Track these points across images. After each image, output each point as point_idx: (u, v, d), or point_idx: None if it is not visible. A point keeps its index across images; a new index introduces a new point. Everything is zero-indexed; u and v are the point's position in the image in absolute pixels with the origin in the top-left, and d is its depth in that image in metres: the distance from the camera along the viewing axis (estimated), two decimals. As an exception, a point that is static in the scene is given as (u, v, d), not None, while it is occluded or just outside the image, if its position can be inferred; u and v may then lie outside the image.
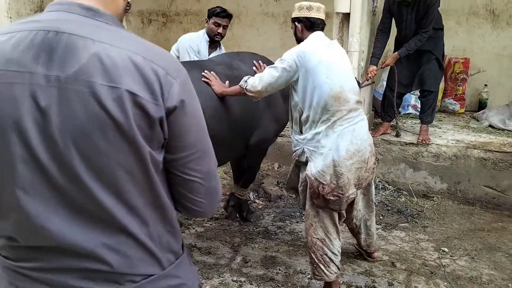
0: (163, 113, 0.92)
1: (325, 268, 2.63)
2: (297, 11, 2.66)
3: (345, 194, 2.51)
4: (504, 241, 3.43)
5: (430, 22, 4.06)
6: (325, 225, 2.62)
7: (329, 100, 2.43)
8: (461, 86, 5.78)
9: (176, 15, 7.73)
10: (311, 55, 2.47)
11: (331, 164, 2.45)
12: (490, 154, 4.00)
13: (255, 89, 2.62)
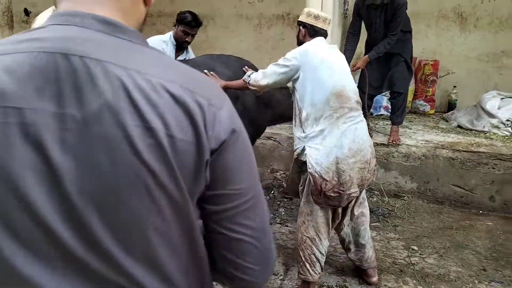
0: (208, 155, 0.73)
1: (310, 268, 2.68)
2: (304, 16, 2.77)
3: (346, 191, 2.55)
4: (472, 239, 3.52)
5: (398, 24, 4.14)
6: (317, 225, 2.66)
7: (331, 97, 2.51)
8: (431, 88, 5.92)
9: (149, 16, 7.54)
10: (313, 54, 2.59)
11: (334, 161, 2.50)
12: (457, 154, 4.10)
13: (257, 83, 2.73)
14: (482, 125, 4.78)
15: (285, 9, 6.74)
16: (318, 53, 2.61)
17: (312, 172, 2.54)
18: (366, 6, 4.19)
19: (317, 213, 2.65)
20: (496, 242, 3.47)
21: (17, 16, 8.76)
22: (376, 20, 4.22)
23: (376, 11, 4.16)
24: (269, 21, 6.87)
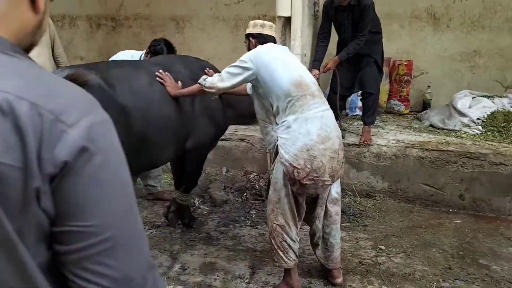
0: (39, 182, 0.60)
1: (283, 255, 2.70)
2: (251, 28, 2.91)
3: (320, 178, 2.56)
4: (440, 237, 3.54)
5: (366, 25, 4.16)
6: (285, 212, 2.68)
7: (291, 87, 2.58)
8: (405, 88, 5.95)
9: (125, 19, 7.61)
10: (266, 54, 2.70)
11: (304, 148, 2.52)
12: (427, 153, 4.13)
13: (214, 85, 2.76)
14: (453, 124, 4.82)
15: (261, 11, 6.72)
16: (269, 52, 2.72)
17: (283, 161, 2.58)
18: (334, 8, 4.20)
19: (284, 200, 2.67)
20: (464, 240, 3.49)
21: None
22: (344, 22, 4.24)
23: (344, 13, 4.17)
24: (246, 22, 6.72)
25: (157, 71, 2.97)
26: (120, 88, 2.67)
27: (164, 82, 2.95)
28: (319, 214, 2.83)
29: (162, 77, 2.96)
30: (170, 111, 2.94)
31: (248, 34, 2.92)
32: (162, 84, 2.95)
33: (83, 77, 2.44)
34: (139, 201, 4.25)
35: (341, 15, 4.20)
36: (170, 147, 3.03)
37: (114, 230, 0.66)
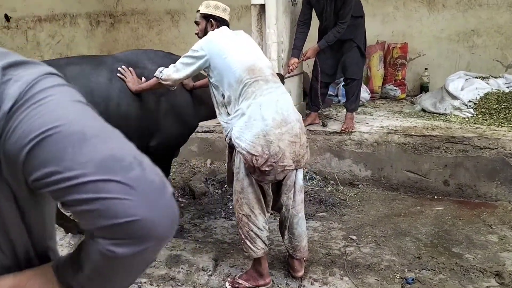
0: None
1: (251, 244, 2.67)
2: (212, 9, 2.82)
3: (279, 163, 2.51)
4: (417, 226, 3.42)
5: (348, 12, 4.02)
6: (249, 201, 2.64)
7: (243, 73, 2.54)
8: (400, 71, 5.78)
9: (123, 15, 7.66)
10: (217, 40, 2.63)
11: (260, 133, 2.48)
12: (409, 139, 3.99)
13: (170, 77, 2.73)
14: (444, 108, 4.65)
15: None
16: (222, 38, 2.65)
17: (240, 150, 2.53)
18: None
19: (247, 189, 2.63)
20: (441, 228, 3.37)
21: (-3, 22, 8.83)
22: (327, 9, 4.09)
23: (327, 1, 4.03)
24: (238, 12, 6.78)
25: (120, 67, 2.97)
26: (76, 86, 2.66)
27: (124, 78, 2.93)
28: (285, 202, 2.76)
29: (123, 73, 2.95)
30: (131, 109, 2.91)
31: (209, 15, 2.81)
32: (123, 80, 2.94)
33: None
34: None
35: (323, 2, 4.05)
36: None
37: (78, 125, 0.70)
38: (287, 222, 2.77)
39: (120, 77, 2.91)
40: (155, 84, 2.84)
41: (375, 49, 5.81)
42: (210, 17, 2.81)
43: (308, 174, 4.31)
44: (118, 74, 2.92)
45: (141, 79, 2.98)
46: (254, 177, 2.59)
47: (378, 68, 5.82)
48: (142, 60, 3.12)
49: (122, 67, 2.96)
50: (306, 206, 3.81)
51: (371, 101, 5.64)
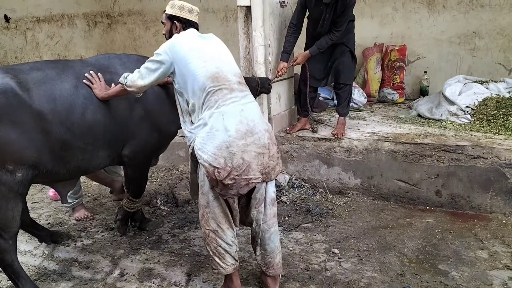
0: None
1: (220, 261, 2.55)
2: (177, 10, 2.70)
3: (243, 176, 2.37)
4: (403, 239, 3.26)
5: (345, 21, 3.87)
6: (215, 216, 2.51)
7: (206, 81, 2.43)
8: (398, 75, 5.61)
9: (120, 15, 7.59)
10: (181, 44, 2.51)
11: (223, 145, 2.35)
12: (400, 147, 3.82)
13: (134, 83, 2.62)
14: (440, 114, 4.46)
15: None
16: (186, 43, 2.52)
17: (202, 162, 2.40)
18: (315, 1, 3.88)
19: (213, 203, 2.50)
20: (429, 242, 3.20)
21: (-3, 23, 8.83)
22: (325, 16, 3.90)
23: (326, 7, 3.84)
24: (235, 13, 6.60)
25: (88, 72, 2.85)
26: (37, 92, 2.56)
27: (91, 85, 2.81)
28: (255, 216, 2.61)
29: (90, 79, 2.82)
30: (98, 116, 2.78)
31: (173, 16, 2.69)
32: (89, 86, 2.82)
33: None
34: (104, 202, 4.21)
35: (323, 9, 3.85)
36: (101, 153, 2.90)
37: None
38: (259, 238, 2.63)
39: (86, 83, 2.79)
40: (121, 91, 2.72)
41: (372, 52, 5.64)
42: (175, 18, 2.68)
43: (297, 181, 4.17)
44: (85, 80, 2.80)
45: (111, 85, 2.85)
46: (217, 191, 2.45)
47: (375, 71, 5.65)
48: (113, 65, 3.00)
49: (90, 72, 2.84)
50: (292, 216, 3.70)
51: (368, 105, 5.47)
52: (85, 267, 3.09)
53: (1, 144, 2.38)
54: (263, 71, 4.03)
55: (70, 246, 3.34)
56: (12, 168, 2.44)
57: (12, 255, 2.61)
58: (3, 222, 2.51)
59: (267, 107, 4.17)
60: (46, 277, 3.02)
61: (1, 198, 2.46)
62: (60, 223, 3.76)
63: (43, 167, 2.60)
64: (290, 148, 4.23)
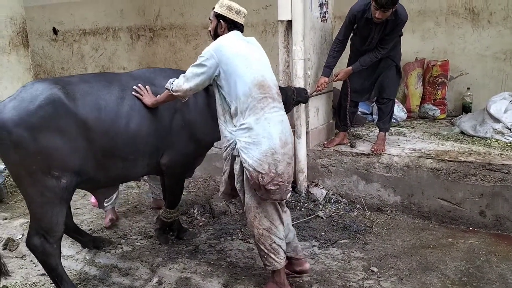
0: None
1: (275, 256, 2.65)
2: (225, 10, 2.73)
3: (285, 182, 2.53)
4: (445, 260, 3.15)
5: (393, 40, 3.84)
6: (268, 214, 2.63)
7: (253, 88, 2.51)
8: (440, 90, 5.48)
9: (162, 29, 7.80)
10: (228, 48, 2.57)
11: (269, 151, 2.47)
12: (443, 164, 3.72)
13: (180, 88, 2.68)
14: (484, 131, 4.32)
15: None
16: (232, 46, 2.58)
17: (246, 166, 2.49)
18: (365, 19, 3.86)
19: (264, 202, 2.60)
20: (473, 264, 3.08)
21: (46, 35, 9.28)
22: (374, 34, 3.86)
23: (376, 25, 3.81)
24: (274, 27, 6.68)
25: (136, 85, 2.94)
26: (83, 102, 2.66)
27: (140, 97, 2.90)
28: None
29: (139, 91, 2.91)
30: (141, 126, 2.87)
31: (220, 15, 2.72)
32: (138, 98, 2.90)
33: None
34: (144, 209, 4.29)
35: (372, 28, 3.81)
36: (140, 162, 2.97)
37: None
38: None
39: (135, 95, 2.89)
40: (168, 96, 2.80)
41: (413, 67, 5.55)
42: (221, 18, 2.71)
43: (334, 196, 4.12)
44: (134, 92, 2.89)
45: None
46: (259, 194, 2.55)
47: (416, 86, 5.55)
48: (158, 78, 3.09)
49: (138, 85, 2.93)
50: (328, 231, 3.68)
51: (408, 121, 5.37)
52: (124, 274, 3.15)
53: (48, 151, 2.49)
54: (301, 85, 4.03)
55: (111, 252, 3.43)
56: (57, 174, 2.54)
57: (57, 259, 2.70)
58: (48, 227, 2.61)
59: (305, 121, 4.16)
60: (87, 282, 3.10)
61: (46, 203, 2.57)
62: (101, 229, 3.86)
63: (86, 174, 2.70)
64: (328, 163, 4.20)
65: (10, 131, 2.41)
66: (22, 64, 6.65)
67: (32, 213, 2.64)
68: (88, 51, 8.79)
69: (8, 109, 2.45)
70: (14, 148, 2.44)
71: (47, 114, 2.48)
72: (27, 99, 2.49)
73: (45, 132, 2.47)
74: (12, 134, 2.41)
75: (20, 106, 2.46)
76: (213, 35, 2.76)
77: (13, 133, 2.41)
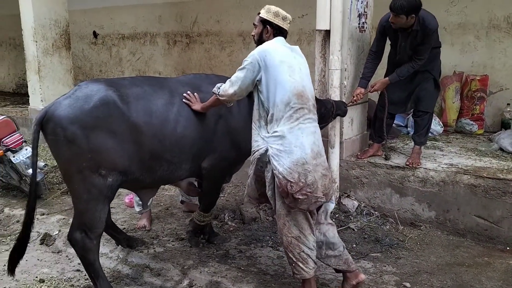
0: None
1: (303, 265, 2.65)
2: (271, 16, 2.75)
3: (314, 193, 2.53)
4: (481, 279, 3.07)
5: (426, 49, 3.79)
6: (298, 222, 2.63)
7: (292, 97, 2.54)
8: (478, 105, 5.35)
9: (198, 36, 7.94)
10: (273, 54, 2.60)
11: (299, 161, 2.50)
12: (481, 181, 3.63)
13: (226, 92, 2.73)
14: (525, 149, 4.19)
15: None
16: (277, 53, 2.60)
17: (276, 174, 2.52)
18: (393, 28, 3.85)
19: (294, 211, 2.61)
20: (510, 285, 2.98)
21: (87, 38, 9.58)
22: (401, 43, 3.85)
23: (404, 34, 3.78)
24: (309, 36, 6.72)
25: (185, 92, 3.01)
26: (135, 106, 2.75)
27: (189, 103, 2.97)
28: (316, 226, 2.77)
29: (189, 98, 2.98)
30: (187, 131, 2.95)
31: (267, 21, 2.73)
32: (188, 105, 2.97)
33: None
34: (175, 212, 4.35)
35: (400, 36, 3.81)
36: (184, 165, 3.04)
37: None
38: (320, 239, 2.73)
39: (186, 102, 2.96)
40: (215, 101, 2.86)
41: (451, 80, 5.43)
42: (267, 23, 2.73)
43: (366, 209, 4.08)
44: (184, 99, 2.97)
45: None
46: (286, 202, 2.56)
47: (453, 100, 5.43)
48: (204, 84, 3.15)
49: (187, 92, 3.00)
50: (360, 244, 3.63)
51: (444, 135, 5.26)
52: (156, 274, 3.20)
53: (99, 150, 2.58)
54: (337, 95, 4.02)
55: (143, 252, 3.49)
56: (104, 173, 2.62)
57: (95, 255, 2.78)
58: (91, 223, 2.70)
59: (339, 131, 4.14)
60: (120, 280, 3.16)
61: (91, 199, 2.65)
62: (134, 229, 3.94)
63: (132, 174, 2.77)
64: (361, 174, 4.16)
65: (65, 127, 2.52)
66: (63, 66, 6.90)
67: (76, 209, 2.73)
68: (125, 55, 9.02)
69: (63, 106, 2.56)
70: (67, 145, 2.54)
71: (102, 114, 2.58)
72: (82, 98, 2.59)
73: (97, 132, 2.57)
74: (66, 131, 2.52)
75: (76, 105, 2.56)
76: (257, 40, 2.80)
77: (68, 130, 2.52)
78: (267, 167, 2.63)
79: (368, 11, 4.38)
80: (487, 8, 5.35)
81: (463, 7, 5.50)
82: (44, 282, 3.10)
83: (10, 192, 4.89)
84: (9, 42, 10.95)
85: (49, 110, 2.62)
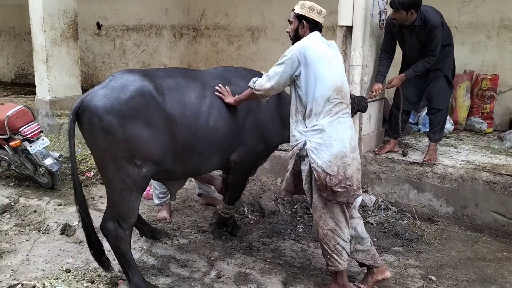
0: None
1: (338, 258, 2.69)
2: (307, 10, 2.74)
3: (353, 186, 2.57)
4: (503, 273, 3.14)
5: (436, 45, 3.85)
6: (334, 215, 2.67)
7: (332, 92, 2.58)
8: (488, 104, 5.44)
9: (205, 29, 7.91)
10: (313, 50, 2.62)
11: (339, 154, 2.54)
12: (499, 178, 3.70)
13: (263, 87, 2.74)
14: (538, 147, 4.27)
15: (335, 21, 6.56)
16: (316, 48, 2.63)
17: (315, 167, 2.55)
18: (398, 27, 3.93)
19: (331, 204, 2.64)
20: (533, 280, 3.06)
21: (90, 29, 9.49)
22: (408, 39, 3.93)
23: (408, 30, 3.87)
24: (329, 32, 6.69)
25: (217, 84, 3.02)
26: (170, 98, 2.74)
27: (222, 96, 2.98)
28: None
29: (222, 91, 2.99)
30: (219, 123, 2.96)
31: (302, 16, 2.72)
32: (220, 98, 2.97)
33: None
34: (193, 204, 4.36)
35: (405, 33, 3.91)
36: (214, 157, 3.05)
37: None
38: (351, 233, 2.75)
39: (218, 95, 2.97)
40: (250, 95, 2.87)
41: (462, 79, 5.51)
42: (303, 18, 2.73)
43: (383, 204, 4.13)
44: (216, 92, 2.97)
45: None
46: (324, 195, 2.60)
47: (464, 98, 5.52)
48: (234, 77, 3.16)
49: (219, 85, 3.01)
50: (380, 238, 3.68)
51: (454, 133, 5.34)
52: (183, 265, 3.21)
53: (135, 141, 2.57)
54: (358, 91, 4.06)
55: (167, 244, 3.50)
56: (139, 163, 2.62)
57: (127, 245, 2.78)
58: (124, 212, 2.69)
59: (358, 127, 4.18)
60: (146, 270, 3.16)
61: (126, 189, 2.65)
62: (154, 221, 3.94)
63: (165, 165, 2.78)
64: (379, 169, 4.21)
65: (101, 117, 2.50)
66: (71, 56, 6.84)
67: (110, 199, 2.72)
68: (130, 46, 8.96)
69: (99, 96, 2.55)
70: (103, 134, 2.53)
71: (138, 105, 2.57)
72: (118, 88, 2.58)
73: (134, 122, 2.56)
74: (102, 121, 2.50)
75: (112, 95, 2.55)
76: (293, 37, 2.80)
77: (104, 120, 2.50)
78: (304, 160, 2.66)
79: (388, 8, 4.41)
80: (498, 8, 5.44)
81: (474, 7, 5.58)
82: (70, 272, 3.08)
83: (23, 182, 4.85)
84: (8, 31, 10.81)
85: (85, 100, 2.61)
